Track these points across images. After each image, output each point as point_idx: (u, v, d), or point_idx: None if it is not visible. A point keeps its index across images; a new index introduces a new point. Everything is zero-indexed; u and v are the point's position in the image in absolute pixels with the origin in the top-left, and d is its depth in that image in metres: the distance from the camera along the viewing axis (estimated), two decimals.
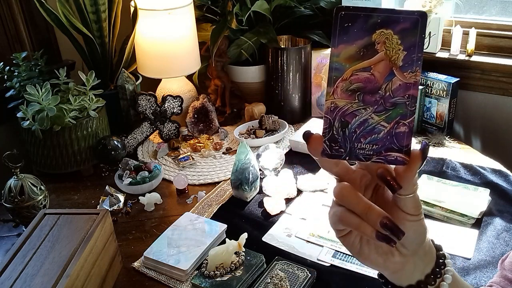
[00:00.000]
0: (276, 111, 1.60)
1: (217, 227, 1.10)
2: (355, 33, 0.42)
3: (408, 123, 0.43)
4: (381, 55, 0.43)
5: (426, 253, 0.50)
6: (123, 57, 1.55)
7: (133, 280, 1.01)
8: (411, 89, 0.43)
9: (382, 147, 0.44)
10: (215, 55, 1.56)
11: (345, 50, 0.43)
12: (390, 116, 0.44)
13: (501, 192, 1.20)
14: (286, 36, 1.69)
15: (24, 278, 0.81)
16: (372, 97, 0.43)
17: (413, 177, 0.44)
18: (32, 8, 1.50)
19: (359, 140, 0.44)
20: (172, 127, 1.56)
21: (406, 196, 0.45)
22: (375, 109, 0.44)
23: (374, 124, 0.44)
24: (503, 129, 1.54)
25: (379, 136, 0.44)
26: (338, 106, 0.44)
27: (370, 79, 0.43)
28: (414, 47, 0.42)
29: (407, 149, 0.44)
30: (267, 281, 0.95)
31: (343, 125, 0.44)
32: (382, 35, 0.42)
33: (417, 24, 0.42)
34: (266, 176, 1.28)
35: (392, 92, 0.43)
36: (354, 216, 0.45)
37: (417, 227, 0.47)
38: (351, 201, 0.45)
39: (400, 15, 0.42)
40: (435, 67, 1.52)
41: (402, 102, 0.43)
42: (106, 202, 1.21)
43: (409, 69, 0.43)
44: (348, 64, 0.43)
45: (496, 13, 1.52)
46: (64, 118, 1.28)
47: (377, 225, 0.44)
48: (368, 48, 0.42)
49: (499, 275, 0.71)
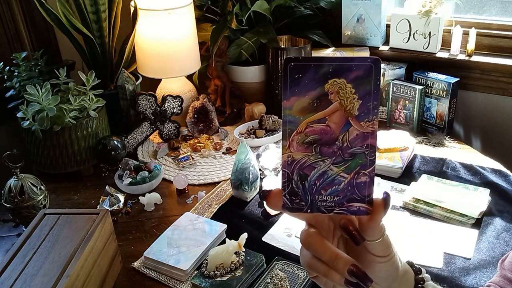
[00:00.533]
0: (276, 111, 1.60)
1: (217, 227, 1.10)
2: (306, 84, 0.41)
3: (369, 172, 0.43)
4: (336, 106, 0.41)
5: (401, 283, 0.50)
6: (123, 57, 1.55)
7: (133, 280, 1.01)
8: (369, 139, 0.42)
9: (343, 198, 0.43)
10: (215, 55, 1.56)
11: (297, 102, 0.41)
12: (350, 166, 0.43)
13: (501, 192, 1.20)
14: (286, 36, 1.69)
15: (24, 278, 0.81)
16: (329, 149, 0.42)
17: (378, 225, 0.44)
18: (32, 8, 1.50)
19: (320, 192, 0.43)
20: (172, 127, 1.56)
21: (374, 242, 0.45)
22: (334, 160, 0.43)
23: (334, 175, 0.43)
24: (503, 129, 1.54)
25: (339, 187, 0.43)
26: (295, 159, 0.43)
27: (326, 130, 0.42)
28: (369, 95, 0.41)
29: (369, 199, 0.43)
30: (267, 281, 0.95)
31: (302, 178, 0.43)
32: (335, 85, 0.41)
33: (371, 71, 0.40)
34: (266, 176, 1.28)
35: (349, 143, 0.42)
36: (321, 263, 0.44)
37: (388, 267, 0.47)
38: (318, 250, 0.44)
39: (352, 63, 0.40)
40: (435, 67, 1.52)
41: (361, 152, 0.42)
42: (106, 202, 1.21)
43: (366, 118, 0.41)
44: (302, 117, 0.42)
45: (496, 13, 1.52)
46: (64, 118, 1.28)
47: (345, 273, 0.43)
48: (321, 99, 0.41)
49: (499, 275, 0.71)
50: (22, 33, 1.53)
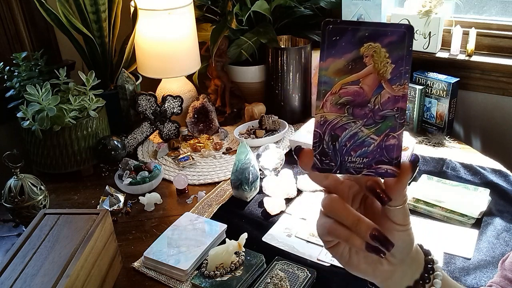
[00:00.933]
0: (276, 111, 1.60)
1: (217, 227, 1.10)
2: (343, 47, 0.42)
3: (398, 135, 0.43)
4: (370, 69, 0.42)
5: (413, 260, 0.50)
6: (123, 57, 1.55)
7: (133, 280, 1.01)
8: (400, 102, 0.43)
9: (372, 160, 0.44)
10: (215, 55, 1.56)
11: (333, 64, 0.42)
12: (380, 129, 0.44)
13: (501, 192, 1.20)
14: (286, 36, 1.69)
15: (24, 278, 0.81)
16: (361, 111, 0.43)
17: (404, 189, 0.44)
18: (32, 8, 1.50)
19: (350, 153, 0.44)
20: (172, 127, 1.56)
21: (396, 207, 0.45)
22: (365, 122, 0.44)
23: (364, 137, 0.44)
24: (503, 129, 1.54)
25: (369, 149, 0.44)
26: (327, 120, 0.44)
27: (359, 92, 0.43)
28: (402, 60, 0.42)
29: (397, 162, 0.44)
30: (267, 281, 0.95)
31: (333, 138, 0.44)
32: (370, 49, 0.42)
33: (404, 37, 0.42)
34: (266, 176, 1.28)
35: (381, 105, 0.43)
36: (343, 228, 0.45)
37: (406, 237, 0.47)
38: (341, 213, 0.45)
39: (387, 28, 0.42)
40: (435, 67, 1.52)
41: (391, 115, 0.43)
42: (106, 202, 1.21)
43: (398, 82, 0.43)
44: (337, 78, 0.43)
45: (496, 13, 1.52)
46: (64, 118, 1.28)
47: (367, 237, 0.43)
48: (356, 61, 0.42)
49: (499, 275, 0.71)
50: (22, 33, 1.53)
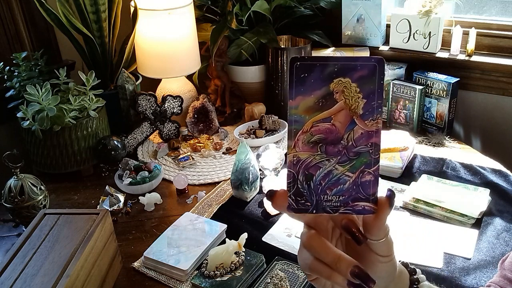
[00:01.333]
0: (276, 111, 1.60)
1: (217, 227, 1.10)
2: (312, 84, 0.41)
3: (373, 171, 0.43)
4: (341, 105, 0.42)
5: (397, 284, 0.50)
6: (123, 57, 1.55)
7: (133, 280, 1.01)
8: (374, 137, 0.42)
9: (348, 197, 0.43)
10: (215, 55, 1.56)
11: (303, 102, 0.42)
12: (354, 166, 0.43)
13: (501, 192, 1.20)
14: (286, 36, 1.69)
15: (24, 278, 0.81)
16: (334, 148, 0.43)
17: (383, 224, 0.44)
18: (32, 8, 1.50)
19: (325, 192, 0.43)
20: (172, 127, 1.56)
21: (378, 241, 0.45)
22: (339, 159, 0.43)
23: (339, 175, 0.43)
24: (503, 129, 1.54)
25: (344, 186, 0.43)
26: (301, 159, 0.43)
27: (331, 129, 0.42)
28: (373, 94, 0.41)
29: (374, 198, 0.43)
30: (267, 281, 0.95)
31: (308, 178, 0.43)
32: (340, 84, 0.41)
33: (375, 70, 0.41)
34: (266, 176, 1.28)
35: (354, 142, 0.43)
36: (324, 266, 0.44)
37: (389, 267, 0.47)
38: (320, 251, 0.44)
39: (357, 62, 0.41)
40: (435, 67, 1.52)
41: (365, 151, 0.43)
42: (106, 202, 1.21)
43: (370, 117, 0.42)
44: (308, 116, 0.42)
45: (496, 13, 1.52)
46: (64, 118, 1.28)
47: (348, 275, 0.43)
48: (326, 98, 0.42)
49: (499, 275, 0.71)
50: (22, 33, 1.53)
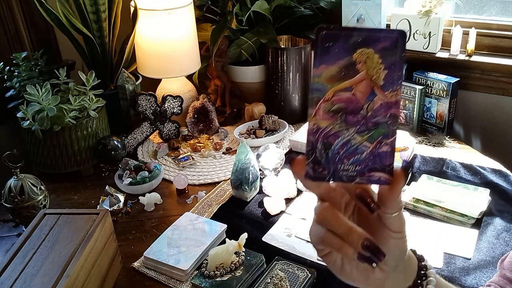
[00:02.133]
0: (276, 111, 1.60)
1: (217, 227, 1.10)
2: (336, 53, 0.42)
3: (390, 142, 0.43)
4: (362, 75, 0.42)
5: (406, 267, 0.50)
6: (123, 57, 1.55)
7: (133, 280, 1.01)
8: (393, 108, 0.43)
9: (365, 167, 0.44)
10: (215, 55, 1.56)
11: (326, 70, 0.42)
12: (373, 136, 0.43)
13: (501, 192, 1.20)
14: (286, 36, 1.69)
15: (24, 278, 0.81)
16: (354, 117, 0.43)
17: (398, 196, 0.44)
18: (32, 8, 1.50)
19: (343, 161, 0.44)
20: (172, 127, 1.56)
21: (391, 215, 0.45)
22: (358, 129, 0.43)
23: (357, 144, 0.44)
24: (503, 129, 1.54)
25: (362, 156, 0.44)
26: (320, 128, 0.43)
27: (351, 99, 0.43)
28: (394, 66, 0.42)
29: (390, 169, 0.44)
30: (267, 281, 0.95)
31: (326, 146, 0.44)
32: (363, 55, 0.42)
33: (397, 42, 0.41)
34: (266, 176, 1.28)
35: (374, 112, 0.43)
36: (335, 237, 0.45)
37: (401, 244, 0.47)
38: (333, 223, 0.45)
39: (380, 34, 0.41)
40: (435, 67, 1.52)
41: (384, 122, 0.43)
42: (106, 202, 1.21)
43: (390, 88, 0.42)
44: (330, 85, 0.42)
45: (496, 13, 1.52)
46: (64, 118, 1.28)
47: (359, 247, 0.43)
48: (349, 68, 0.42)
49: (499, 274, 0.71)
50: (22, 33, 1.53)
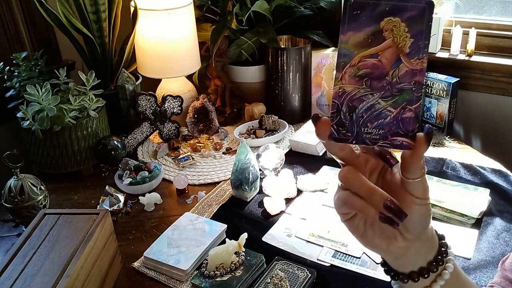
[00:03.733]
0: (276, 111, 1.60)
1: (217, 227, 1.10)
2: (363, 21, 0.43)
3: (414, 108, 0.44)
4: (389, 42, 0.43)
5: (428, 239, 0.50)
6: (123, 57, 1.55)
7: (133, 280, 1.01)
8: (418, 76, 0.44)
9: (388, 131, 0.45)
10: (215, 55, 1.56)
11: (353, 37, 0.44)
12: (397, 101, 0.45)
13: (501, 192, 1.20)
14: (286, 36, 1.69)
15: (24, 278, 0.81)
16: (379, 83, 0.44)
17: (420, 161, 0.45)
18: (32, 8, 1.50)
19: (366, 124, 0.45)
20: (172, 127, 1.56)
21: (414, 180, 0.46)
22: (382, 94, 0.45)
23: (381, 109, 0.45)
24: (503, 129, 1.54)
25: (385, 121, 0.45)
26: (346, 91, 0.45)
27: (377, 65, 0.44)
28: (421, 35, 0.43)
29: (412, 134, 0.45)
30: (267, 281, 0.95)
31: (351, 109, 0.45)
32: (390, 23, 0.43)
33: (424, 12, 0.42)
34: (266, 176, 1.28)
35: (398, 78, 0.44)
36: (358, 198, 0.46)
37: (424, 211, 0.48)
38: (355, 183, 0.46)
39: (407, 3, 0.42)
40: (435, 67, 1.52)
41: (408, 88, 0.44)
42: (106, 202, 1.21)
43: (416, 56, 0.43)
44: (356, 51, 0.44)
45: (496, 13, 1.52)
46: (64, 118, 1.28)
47: (381, 207, 0.44)
48: (376, 35, 0.43)
49: (500, 275, 0.71)
50: (22, 33, 1.53)
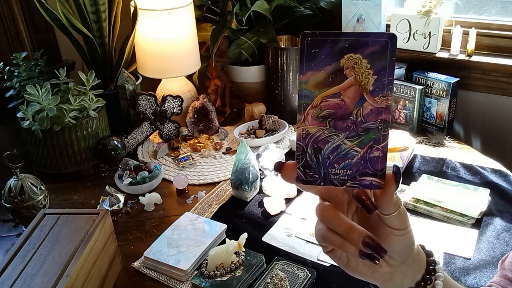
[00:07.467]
0: (276, 111, 1.60)
1: (217, 227, 1.10)
2: (322, 59, 0.41)
3: (382, 147, 0.43)
4: (351, 80, 0.42)
5: (414, 261, 0.50)
6: (123, 57, 1.55)
7: (133, 280, 1.01)
8: (383, 114, 0.42)
9: (356, 172, 0.44)
10: (215, 55, 1.56)
11: (313, 77, 0.42)
12: (363, 141, 0.43)
13: (501, 192, 1.20)
14: (286, 36, 1.69)
15: (24, 278, 0.81)
16: (343, 123, 0.43)
17: (391, 199, 0.44)
18: (32, 8, 1.50)
19: (333, 165, 0.44)
20: (172, 127, 1.56)
21: (390, 215, 0.45)
22: (347, 134, 0.43)
23: (347, 149, 0.43)
24: (503, 129, 1.54)
25: (353, 161, 0.44)
26: (309, 133, 0.43)
27: (340, 105, 0.42)
28: (384, 71, 0.41)
29: (381, 173, 0.44)
30: (267, 281, 0.95)
31: (316, 151, 0.44)
32: (351, 60, 0.41)
33: (386, 47, 0.41)
34: (266, 176, 1.28)
35: (363, 117, 0.43)
36: (336, 235, 0.45)
37: (405, 240, 0.47)
38: (332, 222, 0.45)
39: (368, 38, 0.40)
40: (435, 67, 1.52)
41: (374, 127, 0.43)
42: (106, 202, 1.21)
43: (380, 93, 0.42)
44: (318, 91, 0.42)
45: (496, 13, 1.52)
46: (64, 118, 1.28)
47: (359, 244, 0.43)
48: (337, 73, 0.41)
49: (499, 275, 0.71)
50: (22, 33, 1.53)
